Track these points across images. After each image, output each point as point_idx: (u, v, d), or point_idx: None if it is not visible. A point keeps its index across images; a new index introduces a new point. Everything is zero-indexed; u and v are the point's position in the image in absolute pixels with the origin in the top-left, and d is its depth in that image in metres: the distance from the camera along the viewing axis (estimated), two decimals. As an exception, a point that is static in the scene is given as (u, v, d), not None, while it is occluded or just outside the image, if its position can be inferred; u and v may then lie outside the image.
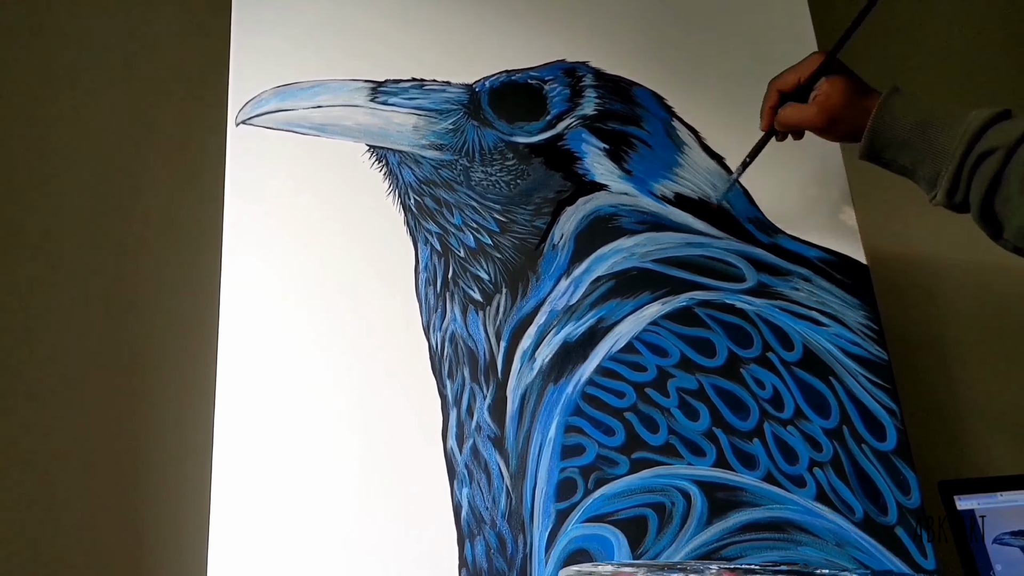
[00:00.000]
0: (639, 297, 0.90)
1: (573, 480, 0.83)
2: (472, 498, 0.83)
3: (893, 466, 0.86)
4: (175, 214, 1.08)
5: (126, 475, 0.98)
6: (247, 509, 0.81)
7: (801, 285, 0.92)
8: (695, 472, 0.84)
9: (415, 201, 0.92)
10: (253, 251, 0.89)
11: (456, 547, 0.81)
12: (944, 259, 1.27)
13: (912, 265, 1.25)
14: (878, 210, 1.18)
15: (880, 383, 0.89)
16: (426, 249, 0.90)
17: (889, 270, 1.21)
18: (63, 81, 1.12)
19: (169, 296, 1.05)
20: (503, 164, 0.94)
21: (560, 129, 0.96)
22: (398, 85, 0.96)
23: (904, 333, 1.20)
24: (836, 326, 0.91)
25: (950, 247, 1.26)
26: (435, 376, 0.86)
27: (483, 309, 0.89)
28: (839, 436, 0.86)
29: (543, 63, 0.99)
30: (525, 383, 0.86)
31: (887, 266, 1.19)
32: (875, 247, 1.04)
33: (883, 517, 0.84)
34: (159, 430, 1.00)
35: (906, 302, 1.23)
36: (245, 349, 0.85)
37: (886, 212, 1.22)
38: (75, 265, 1.05)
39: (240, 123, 0.94)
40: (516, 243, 0.91)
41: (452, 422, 0.85)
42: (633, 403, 0.86)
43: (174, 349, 1.03)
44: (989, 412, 1.21)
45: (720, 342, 0.89)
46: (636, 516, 0.82)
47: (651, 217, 0.94)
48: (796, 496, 0.84)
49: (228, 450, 0.82)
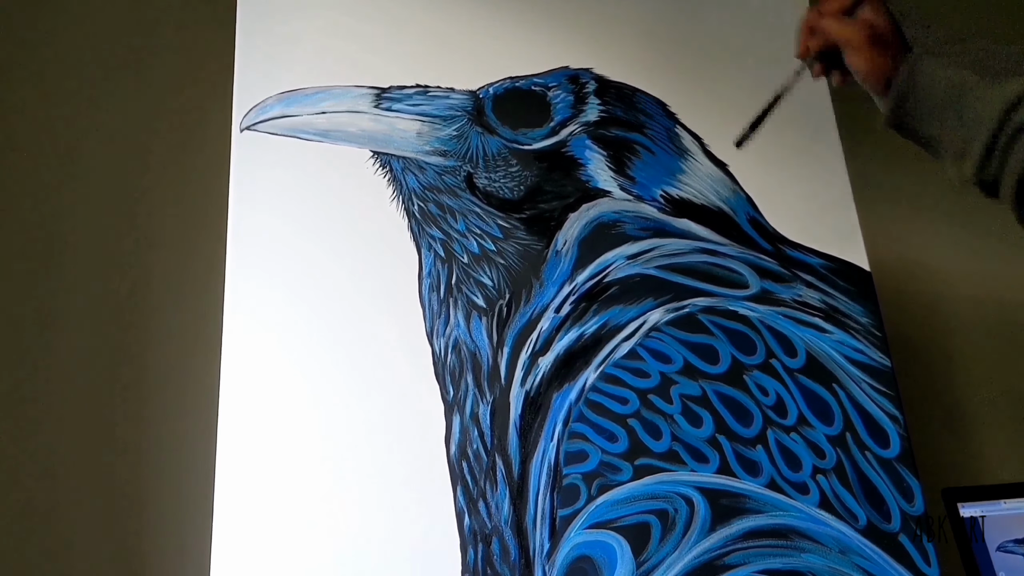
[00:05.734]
0: (642, 303, 0.90)
1: (576, 486, 0.83)
2: (474, 504, 0.82)
3: (896, 473, 0.86)
4: (180, 219, 1.09)
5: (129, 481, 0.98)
6: (250, 514, 0.81)
7: (804, 292, 0.92)
8: (698, 479, 0.84)
9: (419, 207, 0.92)
10: (257, 256, 0.89)
11: (459, 553, 0.81)
12: (947, 265, 1.27)
13: (915, 272, 1.25)
14: (881, 216, 1.18)
15: (883, 390, 0.89)
16: (429, 255, 0.91)
17: (892, 277, 1.21)
18: (69, 88, 1.12)
19: (174, 301, 1.05)
20: (506, 170, 0.94)
21: (564, 136, 0.96)
22: (402, 91, 0.96)
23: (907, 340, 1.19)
24: (839, 333, 0.90)
25: (953, 253, 1.26)
26: (438, 382, 0.86)
27: (486, 315, 0.89)
28: (842, 443, 0.86)
29: (547, 70, 0.99)
30: (528, 389, 0.86)
31: (890, 273, 1.19)
32: (878, 254, 1.04)
33: (887, 524, 0.84)
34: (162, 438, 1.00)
35: (909, 308, 1.23)
36: (249, 354, 0.86)
37: (889, 218, 1.22)
38: (80, 270, 1.05)
39: (245, 129, 0.94)
40: (519, 249, 0.92)
41: (455, 428, 0.85)
42: (636, 409, 0.86)
43: (178, 354, 1.03)
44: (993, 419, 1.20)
45: (724, 349, 0.88)
46: (639, 523, 0.82)
47: (654, 223, 0.94)
48: (799, 503, 0.83)
49: (232, 454, 0.82)
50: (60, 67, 1.13)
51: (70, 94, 1.12)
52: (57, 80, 1.12)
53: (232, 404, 0.84)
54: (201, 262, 1.03)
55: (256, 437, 0.83)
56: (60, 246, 1.06)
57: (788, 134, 1.01)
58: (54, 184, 1.08)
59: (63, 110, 1.11)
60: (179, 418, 1.01)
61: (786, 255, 0.93)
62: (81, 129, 1.11)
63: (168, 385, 1.02)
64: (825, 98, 1.00)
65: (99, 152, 1.10)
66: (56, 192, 1.07)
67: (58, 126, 1.10)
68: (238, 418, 0.83)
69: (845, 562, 0.82)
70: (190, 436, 0.98)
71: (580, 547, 0.81)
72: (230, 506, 0.81)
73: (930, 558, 0.83)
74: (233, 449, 0.82)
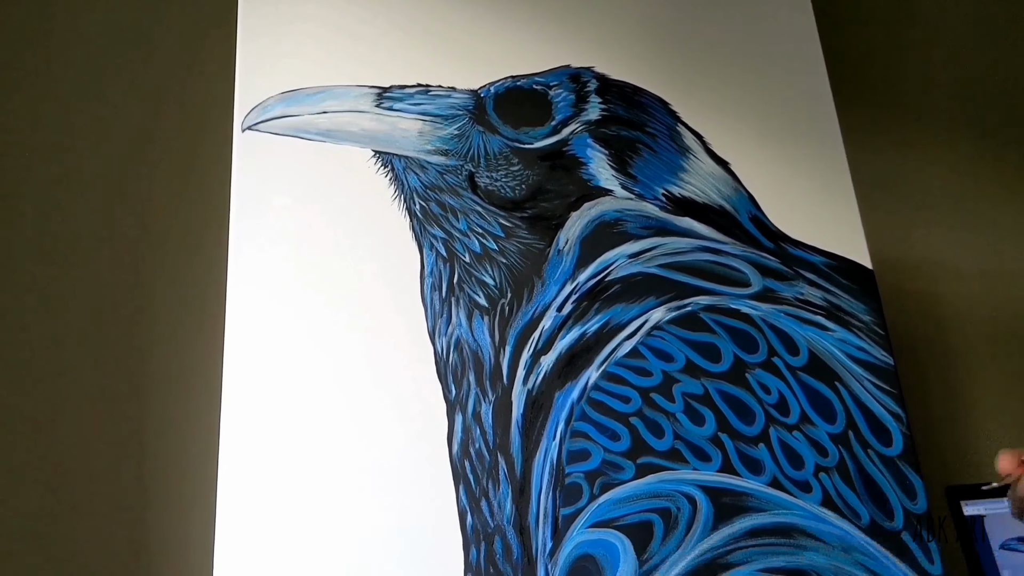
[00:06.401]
0: (644, 302, 0.90)
1: (579, 485, 0.83)
2: (477, 503, 0.82)
3: (899, 471, 0.85)
4: (182, 219, 1.09)
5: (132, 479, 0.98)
6: (253, 512, 0.81)
7: (806, 290, 0.92)
8: (701, 477, 0.84)
9: (420, 206, 0.92)
10: (259, 256, 0.89)
11: (461, 552, 0.81)
12: (949, 263, 1.26)
13: (917, 269, 1.25)
14: (883, 214, 1.18)
15: (886, 388, 0.89)
16: (431, 254, 0.91)
17: (894, 274, 1.21)
18: (70, 87, 1.12)
19: (176, 301, 1.05)
20: (508, 169, 0.94)
21: (565, 135, 0.96)
22: (403, 91, 0.96)
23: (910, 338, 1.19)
24: (842, 331, 0.90)
25: (956, 251, 1.26)
26: (440, 381, 0.86)
27: (488, 314, 0.89)
28: (845, 441, 0.86)
29: (548, 68, 0.99)
30: (530, 388, 0.86)
31: (892, 271, 1.19)
32: (880, 252, 1.04)
33: (889, 522, 0.84)
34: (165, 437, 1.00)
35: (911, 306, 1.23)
36: (251, 354, 0.86)
37: (891, 216, 1.22)
38: (82, 270, 1.05)
39: (246, 129, 0.94)
40: (521, 248, 0.92)
41: (457, 427, 0.85)
42: (639, 408, 0.86)
43: (181, 353, 1.03)
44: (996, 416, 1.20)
45: (726, 347, 0.88)
46: (642, 521, 0.82)
47: (656, 222, 0.94)
48: (802, 501, 0.83)
49: (234, 453, 0.82)
50: (61, 67, 1.13)
51: (71, 94, 1.12)
52: (58, 80, 1.12)
53: (234, 403, 0.84)
54: (203, 262, 1.04)
55: (258, 436, 0.83)
56: (61, 247, 1.06)
57: (790, 132, 1.01)
58: (55, 185, 1.08)
59: (64, 111, 1.11)
60: (181, 417, 1.01)
61: (788, 253, 0.93)
62: (82, 129, 1.11)
63: (171, 384, 1.02)
64: (827, 96, 1.00)
65: (100, 152, 1.10)
66: (57, 193, 1.08)
67: (59, 127, 1.10)
68: (240, 417, 0.84)
69: (848, 560, 0.82)
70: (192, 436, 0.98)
71: (583, 546, 0.81)
72: (233, 504, 0.81)
73: (933, 556, 0.83)
74: (235, 448, 0.82)
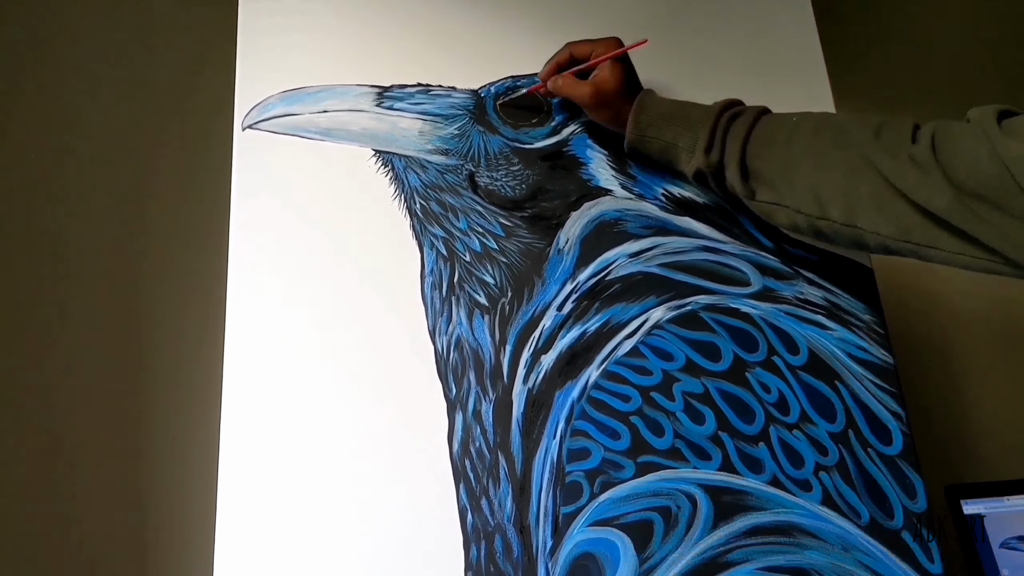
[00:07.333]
0: (645, 301, 0.90)
1: (579, 484, 0.83)
2: (477, 502, 0.83)
3: (899, 470, 0.86)
4: (182, 218, 1.09)
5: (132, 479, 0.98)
6: (253, 512, 0.81)
7: (806, 289, 0.92)
8: (701, 476, 0.84)
9: (421, 205, 0.92)
10: (259, 255, 0.90)
11: (462, 551, 0.81)
12: (949, 263, 1.26)
13: (917, 268, 1.25)
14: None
15: (886, 387, 0.89)
16: (432, 253, 0.91)
17: (894, 273, 1.21)
18: (70, 86, 1.12)
19: (176, 299, 1.05)
20: (508, 169, 0.94)
21: (565, 135, 0.96)
22: (404, 90, 0.96)
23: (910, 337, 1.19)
24: (841, 330, 0.90)
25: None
26: (440, 380, 0.86)
27: (488, 313, 0.89)
28: (845, 440, 0.86)
29: (548, 68, 0.99)
30: (530, 387, 0.86)
31: (892, 269, 1.19)
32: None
33: (889, 521, 0.84)
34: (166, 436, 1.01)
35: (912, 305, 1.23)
36: (251, 353, 0.86)
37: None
38: (83, 268, 1.05)
39: (246, 128, 0.94)
40: (521, 247, 0.92)
41: (458, 426, 0.85)
42: (639, 407, 0.86)
43: (181, 352, 1.03)
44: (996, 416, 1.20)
45: (726, 346, 0.89)
46: (642, 520, 0.82)
47: (656, 221, 0.94)
48: (802, 500, 0.84)
49: (234, 452, 0.82)
50: (61, 66, 1.13)
51: (71, 94, 1.12)
52: (58, 80, 1.12)
53: (234, 401, 0.84)
54: (203, 261, 1.04)
55: (258, 435, 0.83)
56: (62, 246, 1.06)
57: (790, 131, 1.01)
58: (56, 184, 1.08)
59: (64, 110, 1.11)
60: (182, 416, 1.01)
61: (788, 252, 0.93)
62: (82, 128, 1.11)
63: (171, 383, 1.02)
64: (827, 95, 1.00)
65: (101, 151, 1.10)
66: (58, 193, 1.08)
67: (59, 127, 1.11)
68: (240, 415, 0.84)
69: (848, 559, 0.82)
70: (192, 434, 0.98)
71: (583, 544, 0.81)
72: (232, 503, 0.81)
73: (933, 555, 0.83)
74: (235, 447, 0.83)
